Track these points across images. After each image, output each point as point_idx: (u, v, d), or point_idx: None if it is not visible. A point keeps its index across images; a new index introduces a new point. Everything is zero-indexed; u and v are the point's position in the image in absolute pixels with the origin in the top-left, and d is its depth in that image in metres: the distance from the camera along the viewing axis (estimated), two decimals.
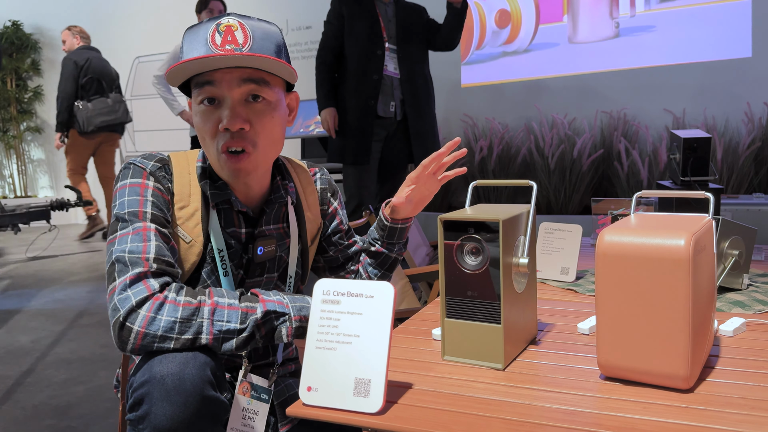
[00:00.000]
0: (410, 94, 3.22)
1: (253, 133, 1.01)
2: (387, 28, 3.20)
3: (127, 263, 0.92)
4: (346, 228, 1.30)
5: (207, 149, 1.04)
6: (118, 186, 1.03)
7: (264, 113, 1.02)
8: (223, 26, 0.98)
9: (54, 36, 7.85)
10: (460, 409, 0.76)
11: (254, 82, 1.00)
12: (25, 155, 8.11)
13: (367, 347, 0.79)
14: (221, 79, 0.99)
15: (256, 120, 1.01)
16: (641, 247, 0.78)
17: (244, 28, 0.99)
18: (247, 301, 0.93)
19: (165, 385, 0.82)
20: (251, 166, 1.03)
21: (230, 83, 0.99)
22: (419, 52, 3.30)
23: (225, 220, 1.07)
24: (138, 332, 0.86)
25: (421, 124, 3.26)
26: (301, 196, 1.20)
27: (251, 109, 1.01)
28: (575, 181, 4.44)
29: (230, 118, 0.98)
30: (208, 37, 0.97)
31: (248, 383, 1.01)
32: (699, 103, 4.43)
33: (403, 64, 3.22)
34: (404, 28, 3.23)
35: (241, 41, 0.98)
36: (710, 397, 0.77)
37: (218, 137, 1.01)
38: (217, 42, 0.97)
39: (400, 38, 3.22)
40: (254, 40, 0.99)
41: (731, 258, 1.31)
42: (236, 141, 1.00)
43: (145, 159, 1.06)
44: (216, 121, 1.00)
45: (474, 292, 0.90)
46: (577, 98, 4.85)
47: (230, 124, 0.98)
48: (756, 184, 4.12)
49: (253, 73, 1.00)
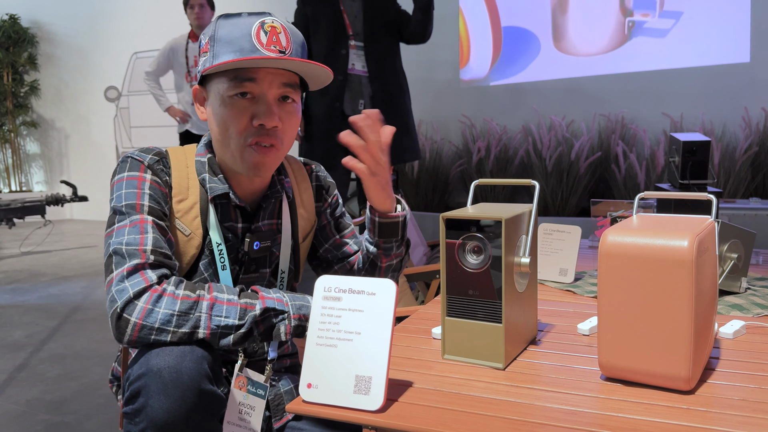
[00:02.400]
0: (380, 91, 3.10)
1: (282, 131, 1.05)
2: (353, 24, 3.09)
3: (124, 255, 0.92)
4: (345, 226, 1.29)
5: (226, 140, 1.04)
6: (116, 179, 1.03)
7: (292, 114, 1.06)
8: (268, 25, 1.01)
9: (51, 30, 7.82)
10: (461, 408, 0.76)
11: (290, 86, 1.04)
12: (20, 150, 8.08)
13: (368, 344, 0.78)
14: (264, 78, 1.01)
15: (286, 119, 1.05)
16: (644, 247, 0.78)
17: (286, 32, 1.02)
18: (246, 297, 0.93)
19: (162, 378, 0.81)
20: (275, 161, 1.06)
21: (271, 83, 1.02)
22: (389, 46, 3.18)
23: (222, 215, 1.07)
24: (135, 324, 0.86)
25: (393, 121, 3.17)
26: (296, 192, 1.20)
27: (283, 108, 1.04)
28: (572, 183, 4.45)
29: (269, 115, 1.01)
30: (253, 33, 1.00)
31: (245, 377, 1.00)
32: (697, 107, 4.44)
33: (372, 61, 3.10)
34: (372, 23, 3.11)
35: (284, 44, 1.01)
36: (711, 398, 0.77)
37: (247, 131, 1.02)
38: (263, 41, 1.00)
39: (368, 34, 3.10)
40: (294, 45, 1.03)
41: (730, 261, 1.31)
42: (269, 137, 1.03)
43: (143, 152, 1.06)
44: (249, 116, 1.02)
45: (475, 291, 0.90)
46: (575, 101, 4.86)
47: (268, 121, 1.01)
48: (753, 189, 4.14)
49: (292, 77, 1.04)
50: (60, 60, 7.82)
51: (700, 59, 4.49)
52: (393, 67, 3.18)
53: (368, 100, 3.12)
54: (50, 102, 7.97)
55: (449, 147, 5.24)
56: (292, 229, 1.17)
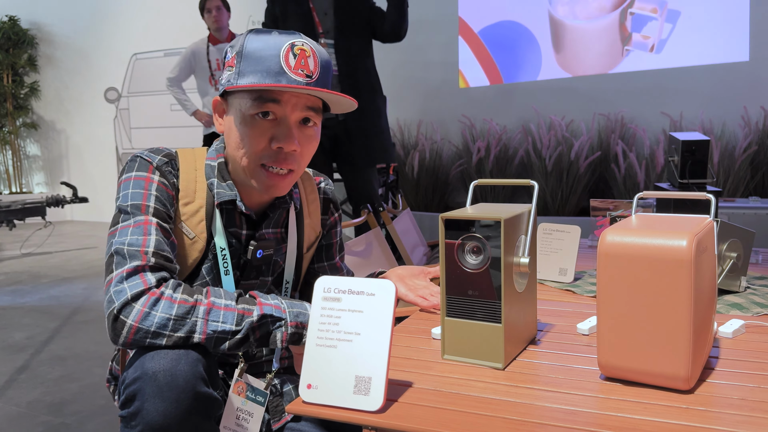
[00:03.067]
0: (350, 90, 2.98)
1: (300, 156, 1.04)
2: (323, 22, 3.00)
3: (125, 255, 0.92)
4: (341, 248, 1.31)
5: (241, 158, 1.03)
6: (123, 178, 1.03)
7: (312, 138, 1.06)
8: (298, 48, 1.00)
9: (51, 31, 7.82)
10: (461, 408, 0.76)
11: (313, 110, 1.03)
12: (20, 151, 8.08)
13: (367, 345, 0.79)
14: (288, 101, 1.00)
15: (305, 144, 1.04)
16: (643, 247, 0.78)
17: (315, 55, 1.01)
18: (244, 303, 0.93)
19: (157, 381, 0.81)
20: (289, 185, 1.06)
21: (294, 106, 1.01)
22: (361, 45, 3.07)
23: (227, 220, 1.07)
24: (131, 326, 0.86)
25: (363, 122, 3.03)
26: (304, 203, 1.20)
27: (303, 132, 1.04)
28: (572, 183, 4.45)
29: (289, 139, 1.00)
30: (282, 55, 0.98)
31: (244, 383, 1.00)
32: (696, 106, 4.44)
33: (342, 59, 3.00)
34: (343, 20, 3.01)
35: (312, 68, 1.00)
36: (710, 398, 0.77)
37: (264, 153, 1.01)
38: (291, 64, 0.98)
39: (338, 32, 3.00)
40: (321, 70, 1.02)
41: (729, 260, 1.31)
42: (286, 162, 1.02)
43: (152, 153, 1.05)
44: (269, 137, 1.01)
45: (474, 291, 0.90)
46: (574, 101, 4.86)
47: (287, 145, 1.00)
48: (752, 188, 4.14)
49: (316, 101, 1.03)
50: (60, 61, 7.82)
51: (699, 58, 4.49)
52: (364, 67, 3.08)
53: None
54: (50, 103, 7.98)
55: (449, 147, 5.24)
56: (298, 239, 1.17)
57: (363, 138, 3.01)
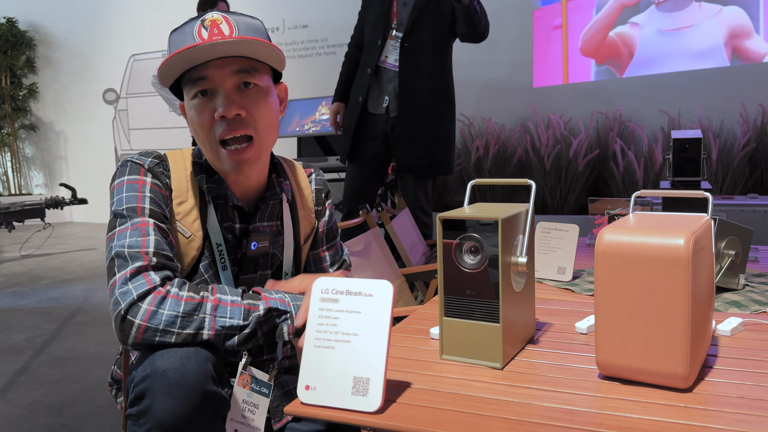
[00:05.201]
0: (406, 90, 2.77)
1: (250, 119, 1.03)
2: (399, 14, 2.78)
3: (126, 258, 0.92)
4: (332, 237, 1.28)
5: (203, 143, 1.05)
6: (116, 183, 1.03)
7: (258, 98, 1.04)
8: (208, 21, 1.00)
9: (49, 33, 7.82)
10: (459, 408, 0.76)
11: (245, 72, 1.02)
12: (19, 153, 8.07)
13: (365, 346, 0.79)
14: (213, 72, 1.00)
15: (251, 105, 1.03)
16: (641, 246, 0.78)
17: (228, 21, 1.00)
18: (249, 298, 0.94)
19: (167, 379, 0.82)
20: (255, 155, 1.04)
21: (222, 75, 1.00)
22: (433, 41, 2.79)
23: (221, 215, 1.08)
24: (140, 326, 0.87)
25: (411, 125, 2.79)
26: (296, 194, 1.20)
27: (245, 95, 1.03)
28: (571, 181, 4.45)
29: (225, 105, 1.00)
30: (195, 32, 0.99)
31: (248, 375, 1.00)
32: (694, 104, 4.44)
33: (405, 54, 2.77)
34: (419, 13, 2.76)
35: (227, 33, 0.99)
36: (709, 396, 0.77)
37: (214, 128, 1.02)
38: (204, 36, 0.99)
39: (410, 26, 2.76)
40: (240, 31, 1.01)
41: (728, 258, 1.31)
42: (235, 128, 1.01)
43: (143, 156, 1.06)
44: (211, 112, 1.01)
45: (472, 291, 0.90)
46: (573, 99, 4.86)
47: (226, 111, 1.00)
48: (751, 185, 4.14)
49: (243, 62, 1.02)
50: (58, 63, 7.82)
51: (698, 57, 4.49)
52: (429, 66, 2.81)
53: (393, 98, 2.82)
54: (49, 105, 7.97)
55: None
56: (293, 230, 1.18)
57: (407, 143, 2.78)
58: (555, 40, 4.97)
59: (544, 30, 5.02)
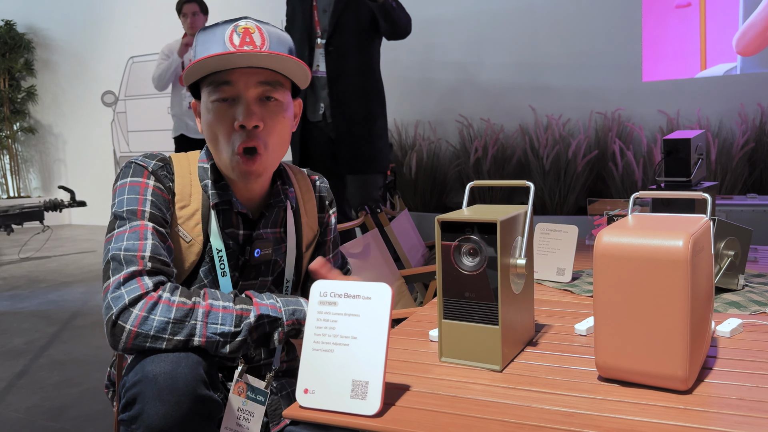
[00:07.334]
0: (336, 95, 2.79)
1: (265, 133, 1.03)
2: (321, 21, 2.80)
3: (122, 261, 0.92)
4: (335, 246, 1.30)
5: (218, 148, 1.04)
6: (118, 184, 1.03)
7: (276, 113, 1.04)
8: (241, 28, 1.00)
9: (47, 36, 7.82)
10: (458, 411, 0.76)
11: (269, 84, 1.02)
12: (18, 155, 8.07)
13: (364, 349, 0.78)
14: (238, 79, 1.01)
15: (269, 119, 1.03)
16: (640, 248, 0.78)
17: (261, 31, 1.01)
18: (241, 303, 0.93)
19: (158, 384, 0.81)
20: (262, 167, 1.04)
21: (247, 83, 1.01)
22: (357, 43, 2.82)
23: (224, 221, 1.07)
24: (130, 331, 0.86)
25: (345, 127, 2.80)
26: (300, 202, 1.20)
27: (265, 108, 1.03)
28: (570, 182, 4.45)
29: (246, 115, 1.00)
30: (226, 37, 1.00)
31: (244, 383, 1.00)
32: (693, 104, 4.44)
33: (331, 60, 2.79)
34: (339, 17, 2.78)
35: (259, 43, 1.00)
36: (708, 398, 0.77)
37: (234, 136, 1.02)
38: (236, 42, 0.99)
39: (333, 31, 2.79)
40: (270, 43, 1.02)
41: (727, 259, 1.31)
42: (251, 139, 1.01)
43: (147, 158, 1.06)
44: (231, 119, 1.01)
45: (471, 293, 0.90)
46: (571, 99, 4.86)
47: (246, 121, 1.00)
48: (750, 185, 4.14)
49: (270, 75, 1.03)
50: (57, 65, 7.81)
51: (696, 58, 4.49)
52: (356, 69, 2.83)
53: (328, 104, 2.85)
54: (47, 107, 7.96)
55: (447, 147, 5.24)
56: (296, 238, 1.17)
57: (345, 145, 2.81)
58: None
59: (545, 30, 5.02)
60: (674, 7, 4.48)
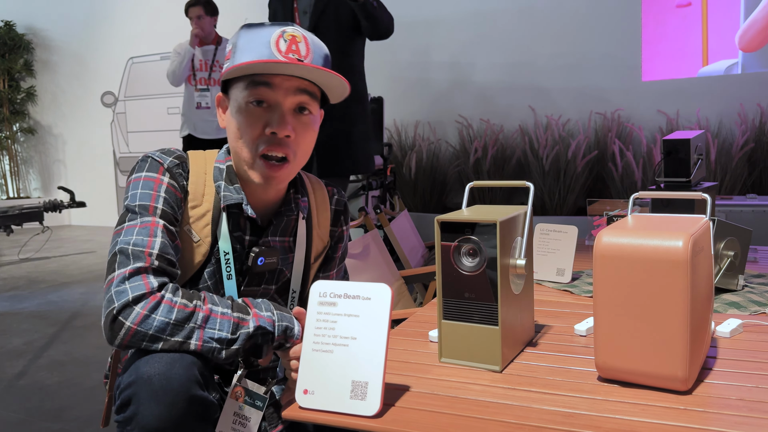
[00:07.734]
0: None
1: (294, 143, 1.03)
2: (302, 22, 2.75)
3: (129, 255, 0.92)
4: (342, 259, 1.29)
5: (240, 148, 1.03)
6: (133, 177, 1.03)
7: (307, 126, 1.05)
8: (288, 35, 1.00)
9: (47, 36, 7.81)
10: (458, 411, 0.76)
11: (307, 94, 1.03)
12: (17, 156, 8.07)
13: (364, 349, 0.78)
14: (280, 84, 1.00)
15: (300, 130, 1.04)
16: (639, 248, 0.78)
17: (307, 42, 1.02)
18: (239, 311, 0.93)
19: (152, 385, 0.82)
20: (286, 175, 1.05)
21: (287, 91, 1.01)
22: (337, 44, 2.71)
23: (233, 224, 1.07)
24: (129, 328, 0.86)
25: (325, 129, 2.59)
26: (314, 212, 1.19)
27: (298, 119, 1.03)
28: (569, 182, 4.45)
29: (281, 123, 1.00)
30: (272, 41, 0.99)
31: (242, 388, 1.00)
32: (692, 104, 4.45)
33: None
34: (319, 18, 2.72)
35: (304, 53, 1.00)
36: (708, 398, 0.77)
37: (260, 140, 1.02)
38: (282, 48, 0.99)
39: (313, 32, 2.60)
40: (315, 56, 1.02)
41: (726, 259, 1.31)
42: (279, 147, 1.01)
43: (164, 154, 1.06)
44: (263, 124, 1.01)
45: (471, 293, 0.90)
46: (571, 100, 4.86)
47: (280, 130, 1.00)
48: (749, 185, 4.14)
49: (309, 85, 1.03)
50: (56, 66, 7.81)
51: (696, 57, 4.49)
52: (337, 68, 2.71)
53: None
54: (47, 108, 7.96)
55: (446, 147, 5.24)
56: (306, 249, 1.17)
57: (329, 148, 2.70)
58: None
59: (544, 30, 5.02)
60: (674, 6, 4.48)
